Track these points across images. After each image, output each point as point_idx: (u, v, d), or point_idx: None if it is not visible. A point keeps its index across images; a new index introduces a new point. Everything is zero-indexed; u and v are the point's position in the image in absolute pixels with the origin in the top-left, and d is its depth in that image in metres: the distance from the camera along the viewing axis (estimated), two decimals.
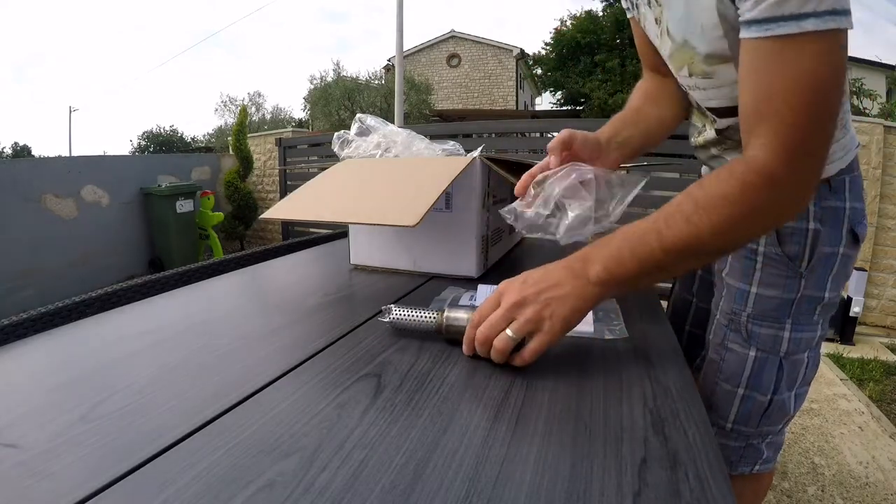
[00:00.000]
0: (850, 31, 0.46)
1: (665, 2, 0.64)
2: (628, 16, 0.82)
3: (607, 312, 0.63)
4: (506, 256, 1.00)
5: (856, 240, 0.68)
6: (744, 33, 0.49)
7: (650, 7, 0.69)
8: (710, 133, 0.74)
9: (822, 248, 0.65)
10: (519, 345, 0.47)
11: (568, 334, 0.52)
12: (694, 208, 0.48)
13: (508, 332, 0.46)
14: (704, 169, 0.87)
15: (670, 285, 1.02)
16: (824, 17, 0.43)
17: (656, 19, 0.69)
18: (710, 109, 0.69)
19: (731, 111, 0.65)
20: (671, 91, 0.80)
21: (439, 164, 0.79)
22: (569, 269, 0.50)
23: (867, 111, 7.71)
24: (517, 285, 0.49)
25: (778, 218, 0.53)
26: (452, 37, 17.04)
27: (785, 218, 0.57)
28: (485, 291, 0.67)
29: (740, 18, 0.49)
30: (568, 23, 15.51)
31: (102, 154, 9.23)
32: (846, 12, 0.44)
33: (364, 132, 0.92)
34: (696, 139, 0.79)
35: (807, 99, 0.46)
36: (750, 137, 0.50)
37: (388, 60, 14.83)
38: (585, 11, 15.23)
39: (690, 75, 0.67)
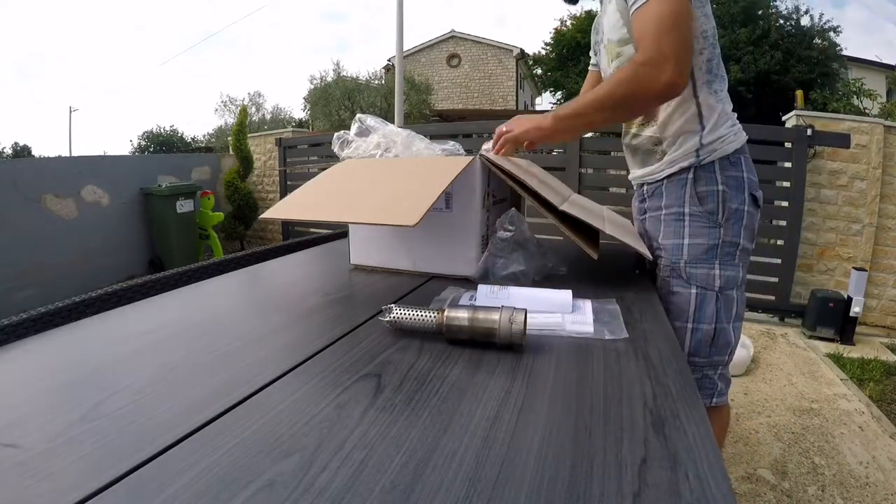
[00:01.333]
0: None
1: (605, 27, 0.96)
2: (591, 70, 1.14)
3: (608, 313, 0.63)
4: None
5: (755, 201, 0.90)
6: (631, 10, 0.81)
7: (604, 46, 0.98)
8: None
9: (730, 205, 0.87)
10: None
11: (568, 334, 0.55)
12: (602, 87, 0.82)
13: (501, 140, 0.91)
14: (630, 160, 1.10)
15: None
16: None
17: (605, 48, 0.98)
18: None
19: None
20: None
21: (439, 164, 0.79)
22: (532, 116, 0.90)
23: (867, 111, 7.71)
24: (505, 125, 0.92)
25: (647, 84, 0.77)
26: (452, 37, 17.02)
27: (651, 88, 0.77)
28: (485, 291, 0.67)
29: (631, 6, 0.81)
30: (568, 23, 15.49)
31: (102, 154, 9.22)
32: None
33: (364, 132, 0.92)
34: (624, 139, 1.04)
35: (657, 23, 0.76)
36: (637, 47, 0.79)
37: (388, 60, 14.83)
38: (585, 11, 15.19)
39: (612, 62, 0.96)
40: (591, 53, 1.13)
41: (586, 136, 3.57)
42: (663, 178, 0.94)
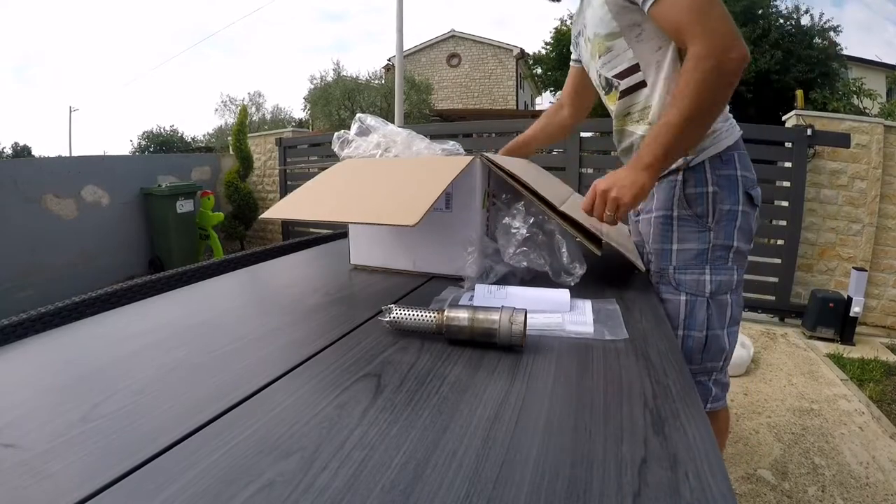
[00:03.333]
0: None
1: (587, 20, 0.93)
2: (572, 65, 1.13)
3: (608, 313, 0.63)
4: None
5: (751, 200, 0.86)
6: (646, 6, 0.78)
7: (585, 39, 0.95)
8: (619, 108, 0.94)
9: (721, 206, 0.84)
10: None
11: (568, 335, 0.55)
12: (673, 100, 0.75)
13: (607, 211, 0.76)
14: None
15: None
16: None
17: (587, 40, 0.95)
18: (615, 77, 0.91)
19: (628, 71, 0.89)
20: (566, 115, 1.21)
21: (439, 164, 0.78)
22: (631, 166, 0.77)
23: (867, 111, 7.70)
24: (603, 182, 0.77)
25: (725, 70, 0.72)
26: (452, 37, 17.02)
27: (729, 71, 0.73)
28: (483, 291, 0.67)
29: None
30: (568, 22, 15.50)
31: (102, 154, 9.22)
32: None
33: (364, 132, 0.92)
34: (617, 143, 1.01)
35: (696, 7, 0.73)
36: (688, 47, 0.75)
37: (388, 60, 14.82)
38: None
39: (600, 57, 0.91)
40: (572, 47, 1.10)
41: (586, 135, 3.58)
42: None
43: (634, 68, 0.88)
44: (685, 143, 0.78)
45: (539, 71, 16.95)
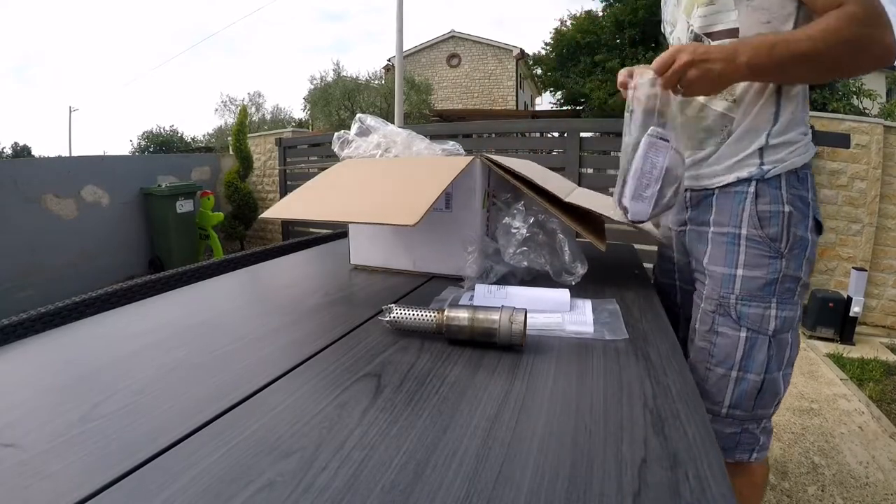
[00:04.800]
0: None
1: None
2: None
3: (607, 313, 0.63)
4: None
5: (819, 227, 0.75)
6: None
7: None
8: None
9: (796, 231, 0.72)
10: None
11: (568, 335, 0.55)
12: (812, 32, 0.65)
13: (679, 86, 0.68)
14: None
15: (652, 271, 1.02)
16: None
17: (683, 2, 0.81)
18: (706, 34, 0.78)
19: (724, 34, 0.75)
20: None
21: (439, 164, 0.78)
22: (724, 53, 0.67)
23: (867, 111, 7.71)
24: (690, 50, 0.67)
25: (866, 48, 0.65)
26: (452, 37, 17.02)
27: (873, 50, 0.65)
28: (483, 291, 0.67)
29: None
30: (568, 23, 15.50)
31: (102, 154, 9.22)
32: None
33: (364, 132, 0.92)
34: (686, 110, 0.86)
35: None
36: (837, 4, 0.65)
37: (388, 60, 14.82)
38: (585, 11, 15.22)
39: (697, 7, 0.78)
40: (663, 27, 0.92)
41: (586, 135, 3.58)
42: (715, 187, 0.78)
43: (732, 33, 0.74)
44: (790, 76, 0.70)
45: (539, 71, 16.96)
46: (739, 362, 0.74)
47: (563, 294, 0.66)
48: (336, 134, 0.93)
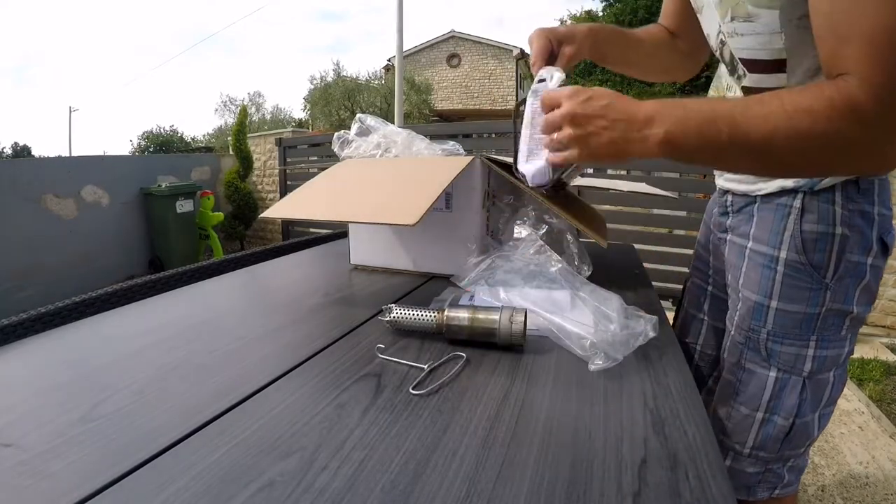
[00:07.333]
0: None
1: None
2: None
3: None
4: None
5: (885, 249, 0.61)
6: None
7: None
8: (736, 95, 0.67)
9: (849, 257, 0.59)
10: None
11: (568, 335, 0.54)
12: (775, 109, 0.45)
13: (555, 135, 0.55)
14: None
15: (679, 297, 0.93)
16: None
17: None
18: (742, 61, 0.63)
19: (762, 66, 0.60)
20: (671, 46, 0.83)
21: (439, 164, 0.78)
22: (631, 116, 0.51)
23: None
24: (581, 100, 0.53)
25: (855, 157, 0.47)
26: (452, 37, 17.02)
27: (863, 161, 0.48)
28: (483, 291, 0.67)
29: None
30: (568, 23, 15.55)
31: (102, 154, 9.23)
32: None
33: (364, 132, 0.92)
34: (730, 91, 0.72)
35: (887, 29, 0.41)
36: (835, 61, 0.45)
37: (388, 60, 14.83)
38: (585, 11, 15.26)
39: (732, 19, 0.60)
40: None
41: None
42: (757, 195, 0.65)
43: (779, 65, 0.58)
44: (725, 165, 0.58)
45: None
46: (767, 404, 0.64)
47: (564, 294, 0.66)
48: (336, 134, 0.93)
